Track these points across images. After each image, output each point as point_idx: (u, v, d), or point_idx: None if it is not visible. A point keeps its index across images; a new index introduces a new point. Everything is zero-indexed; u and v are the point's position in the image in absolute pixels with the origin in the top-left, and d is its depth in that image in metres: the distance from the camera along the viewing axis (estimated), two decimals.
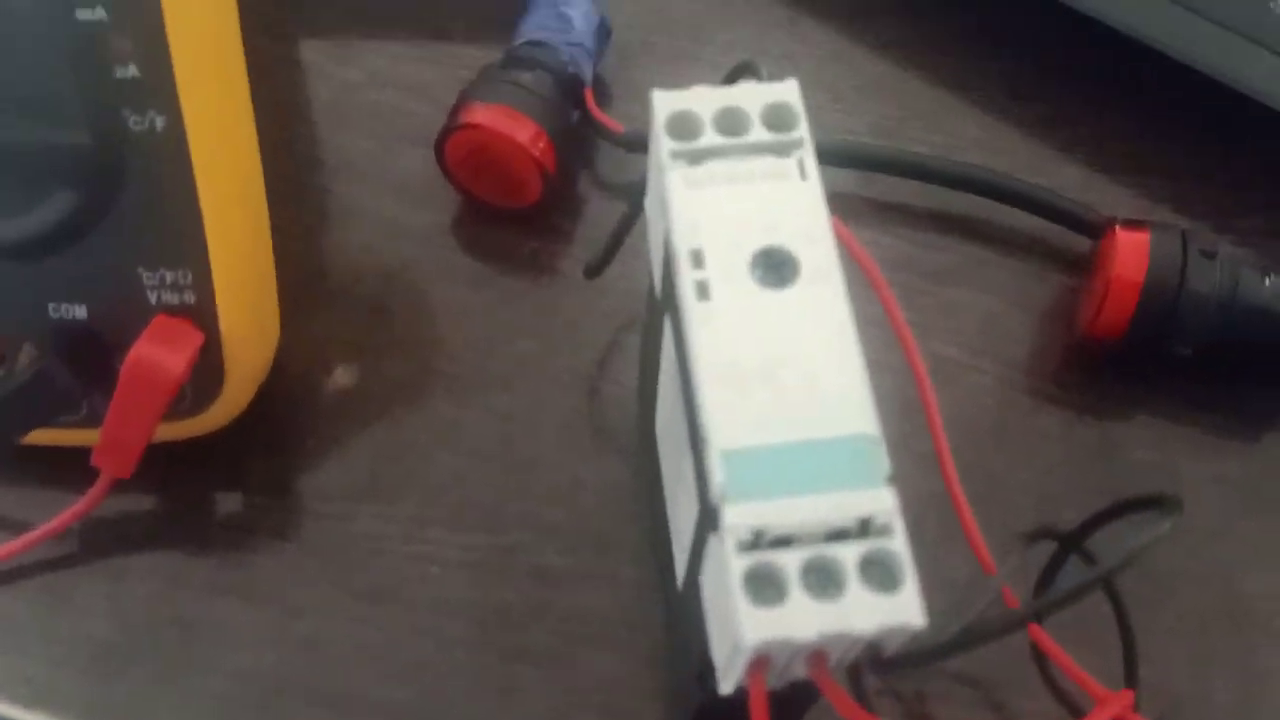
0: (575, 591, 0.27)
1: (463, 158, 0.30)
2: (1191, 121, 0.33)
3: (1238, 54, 0.30)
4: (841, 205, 0.31)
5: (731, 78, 0.29)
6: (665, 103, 0.20)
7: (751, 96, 0.20)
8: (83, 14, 0.22)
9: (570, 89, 0.31)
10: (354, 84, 0.33)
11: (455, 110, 0.30)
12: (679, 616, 0.23)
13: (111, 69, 0.22)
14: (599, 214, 0.32)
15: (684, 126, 0.20)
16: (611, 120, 0.31)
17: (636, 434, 0.28)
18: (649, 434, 0.26)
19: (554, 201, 0.31)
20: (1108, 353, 0.29)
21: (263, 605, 0.27)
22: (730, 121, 0.20)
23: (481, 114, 0.29)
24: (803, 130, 0.19)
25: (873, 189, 0.32)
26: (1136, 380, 0.29)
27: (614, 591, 0.27)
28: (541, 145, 0.29)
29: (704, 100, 0.20)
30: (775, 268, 0.18)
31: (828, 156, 0.30)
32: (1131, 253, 0.27)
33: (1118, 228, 0.28)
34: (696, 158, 0.19)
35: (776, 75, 0.33)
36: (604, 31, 0.32)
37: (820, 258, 0.18)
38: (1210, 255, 0.27)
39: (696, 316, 0.18)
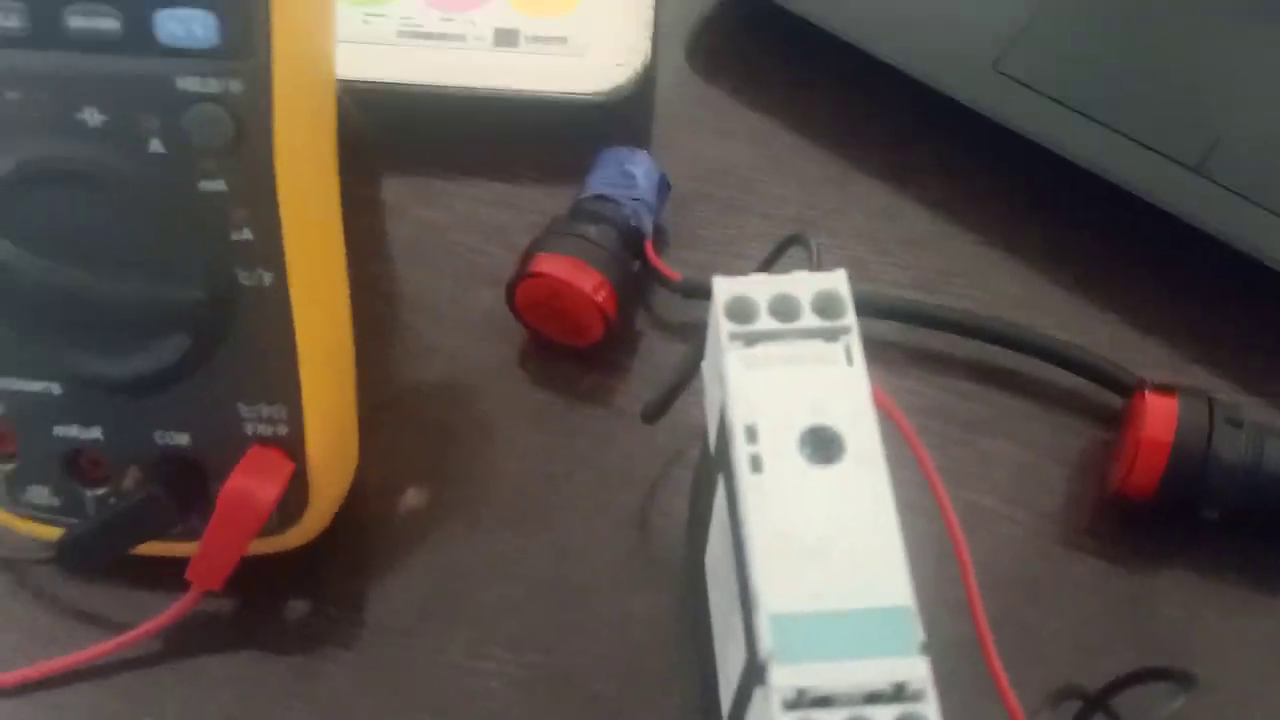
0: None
1: (531, 301, 0.32)
2: (1224, 288, 0.34)
3: (1269, 232, 0.32)
4: (884, 354, 0.33)
5: (782, 248, 0.31)
6: (725, 288, 0.22)
7: (803, 285, 0.22)
8: (205, 185, 0.24)
9: (631, 240, 0.33)
10: (435, 225, 0.36)
11: (525, 258, 0.32)
12: None
13: (228, 233, 0.25)
14: (655, 352, 0.34)
15: (741, 310, 0.22)
16: (668, 269, 0.33)
17: (685, 567, 0.30)
18: (698, 567, 0.27)
19: (614, 340, 0.33)
20: (1139, 509, 0.30)
21: (330, 713, 0.28)
22: (783, 307, 0.22)
23: (549, 264, 0.31)
24: (849, 318, 0.21)
25: (913, 338, 0.33)
26: (1168, 536, 0.30)
27: None
28: (604, 294, 0.31)
29: (760, 287, 0.22)
30: (822, 446, 0.20)
31: (872, 309, 0.33)
32: (1160, 419, 0.28)
33: (1147, 392, 0.29)
34: (752, 339, 0.21)
35: (826, 229, 0.36)
36: (664, 186, 0.35)
37: (864, 438, 0.20)
38: (1237, 424, 0.28)
39: (749, 486, 0.20)
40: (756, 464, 0.20)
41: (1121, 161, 0.33)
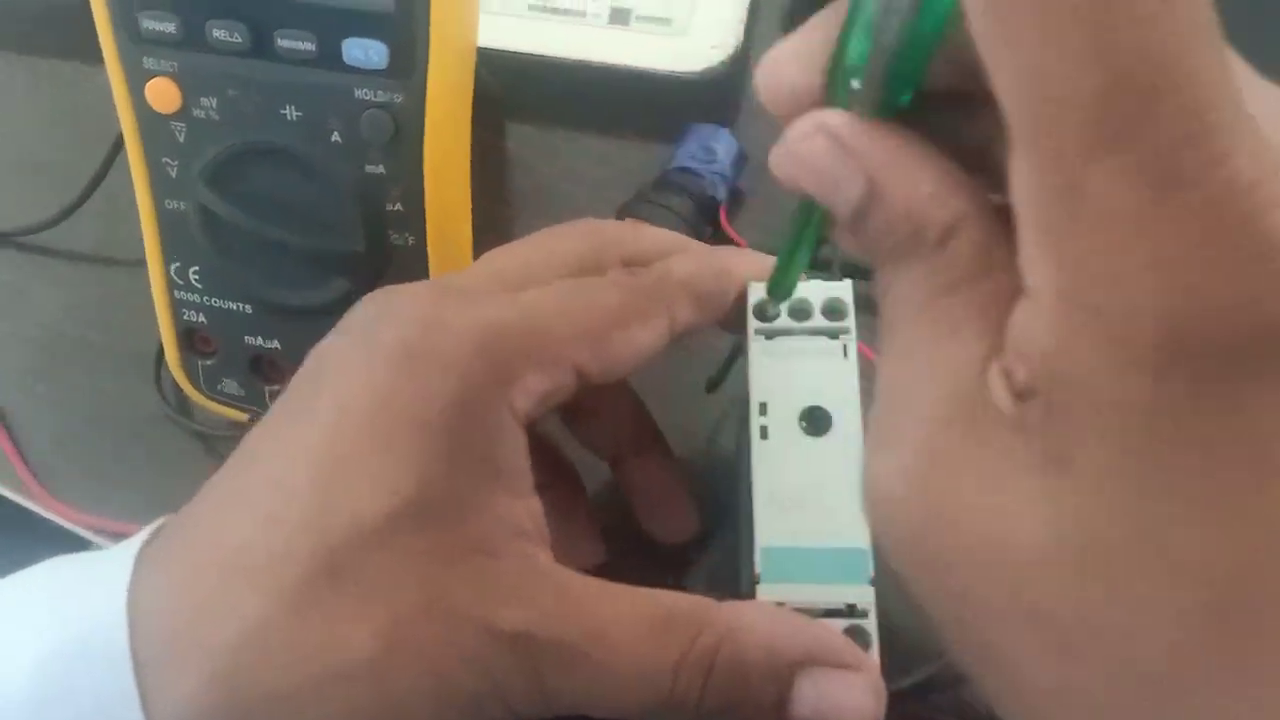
0: None
1: None
2: None
3: None
4: None
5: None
6: (755, 292, 0.28)
7: (816, 291, 0.28)
8: (369, 169, 0.31)
9: (708, 209, 0.39)
10: (546, 176, 0.42)
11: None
12: None
13: (384, 205, 0.32)
14: None
15: (765, 311, 0.28)
16: (737, 235, 0.39)
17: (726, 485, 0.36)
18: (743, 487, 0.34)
19: None
20: None
21: None
22: (799, 309, 0.28)
23: None
24: (849, 321, 0.27)
25: None
26: None
27: None
28: None
29: None
30: (815, 421, 0.27)
31: None
32: None
33: None
34: (772, 334, 0.28)
35: None
36: (741, 160, 0.41)
37: (849, 419, 0.27)
38: None
39: (757, 450, 0.27)
40: (764, 433, 0.27)
41: None
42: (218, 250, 0.33)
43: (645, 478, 0.32)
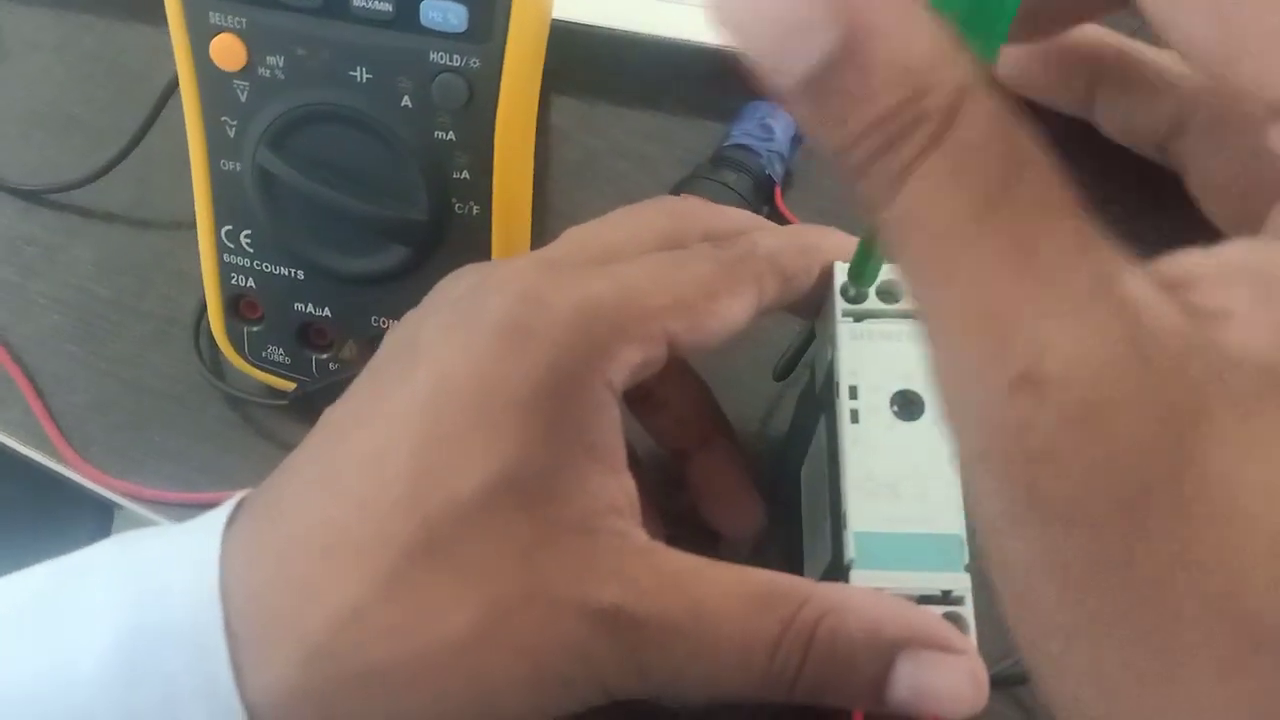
0: None
1: None
2: None
3: None
4: None
5: None
6: (841, 272, 0.28)
7: None
8: (439, 135, 0.30)
9: (764, 187, 0.38)
10: (594, 150, 0.42)
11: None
12: None
13: (451, 173, 0.31)
14: None
15: (851, 292, 0.27)
16: (792, 215, 0.39)
17: (778, 464, 0.35)
18: (795, 469, 0.33)
19: None
20: None
21: None
22: (887, 290, 0.27)
23: None
24: None
25: None
26: None
27: None
28: None
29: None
30: (907, 405, 0.26)
31: None
32: None
33: None
34: (860, 316, 0.27)
35: None
36: (798, 138, 0.40)
37: None
38: None
39: (849, 435, 0.26)
40: (855, 416, 0.26)
41: None
42: (273, 214, 0.32)
43: (712, 470, 0.31)
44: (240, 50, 0.30)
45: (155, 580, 0.23)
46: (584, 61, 0.42)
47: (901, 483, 0.25)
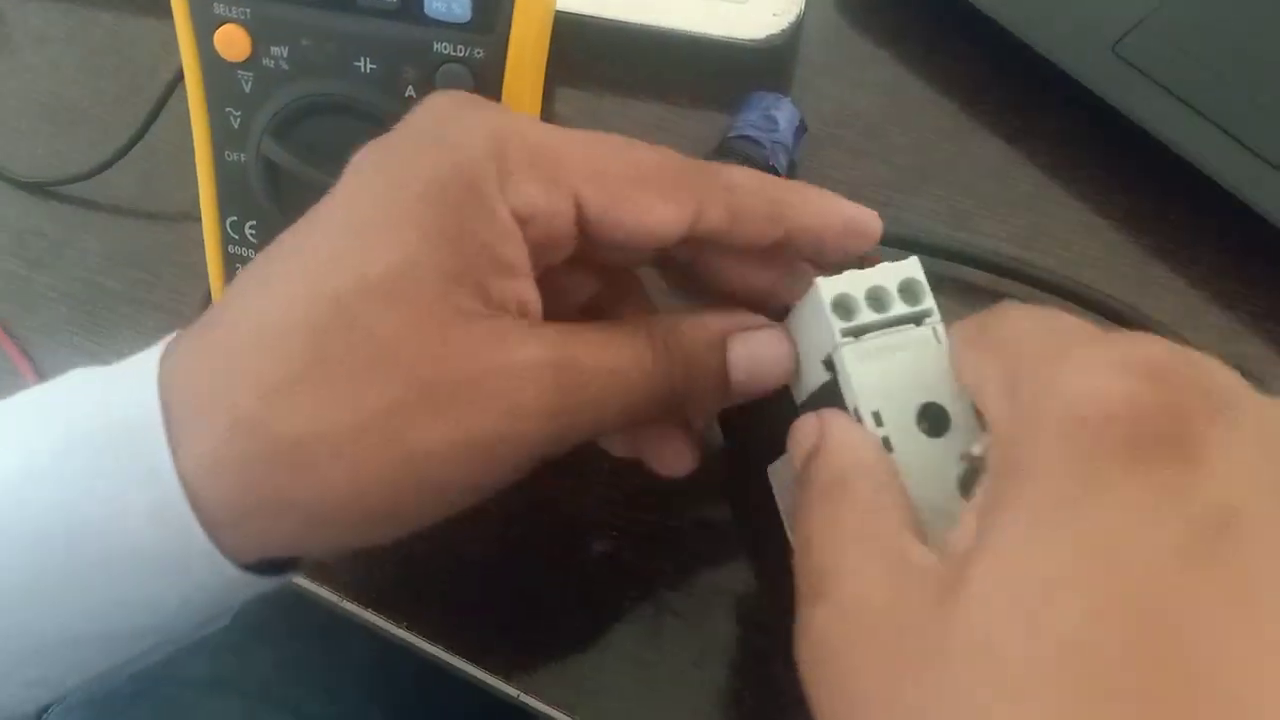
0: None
1: None
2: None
3: None
4: (972, 298, 0.39)
5: None
6: (829, 287, 0.26)
7: (888, 275, 0.26)
8: None
9: None
10: None
11: None
12: None
13: None
14: None
15: (845, 306, 0.26)
16: None
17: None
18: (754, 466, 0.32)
19: None
20: None
21: None
22: (876, 298, 0.26)
23: None
24: (929, 301, 0.26)
25: (1001, 286, 0.39)
26: None
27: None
28: None
29: (855, 282, 0.26)
30: (934, 420, 0.25)
31: (965, 258, 0.38)
32: None
33: None
34: (859, 333, 0.25)
35: (939, 181, 0.40)
36: (801, 129, 0.40)
37: (962, 410, 0.25)
38: None
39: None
40: (888, 445, 0.25)
41: (1214, 153, 0.38)
42: (277, 204, 0.32)
43: None
44: (244, 41, 0.30)
45: (96, 391, 0.24)
46: (588, 53, 0.42)
47: (951, 505, 0.24)
